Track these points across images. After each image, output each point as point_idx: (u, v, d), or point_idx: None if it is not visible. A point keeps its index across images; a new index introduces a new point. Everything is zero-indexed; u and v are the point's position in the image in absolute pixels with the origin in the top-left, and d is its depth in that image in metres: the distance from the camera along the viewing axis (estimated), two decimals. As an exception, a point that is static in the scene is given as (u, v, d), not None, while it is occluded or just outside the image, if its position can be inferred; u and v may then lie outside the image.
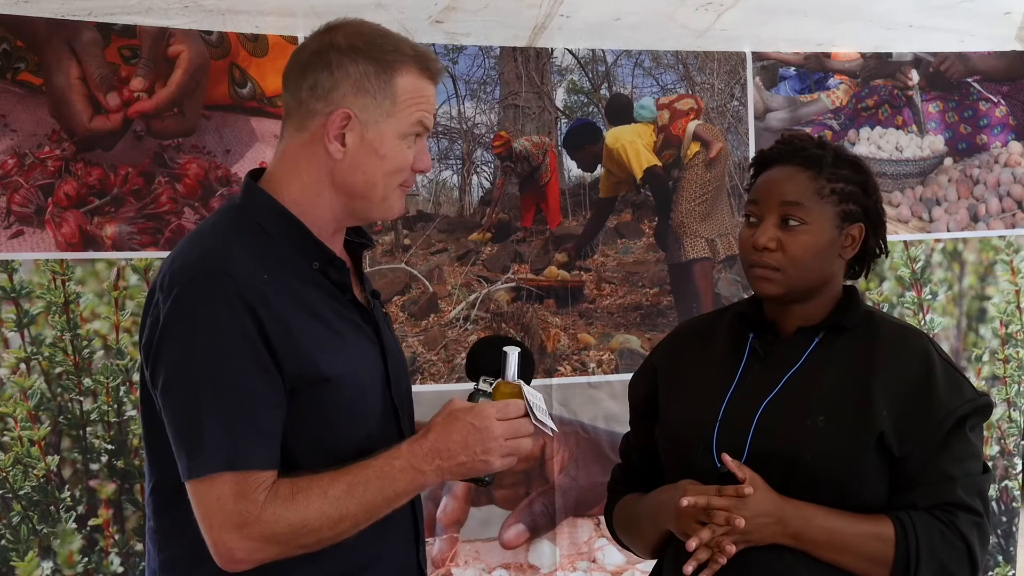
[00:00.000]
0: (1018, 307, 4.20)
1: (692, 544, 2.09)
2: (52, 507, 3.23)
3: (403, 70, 2.01)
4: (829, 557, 2.11)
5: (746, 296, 2.90)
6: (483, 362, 2.09)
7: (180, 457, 1.90)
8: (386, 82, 2.00)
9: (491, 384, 2.04)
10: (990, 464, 4.16)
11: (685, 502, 2.09)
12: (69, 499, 3.25)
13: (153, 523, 2.04)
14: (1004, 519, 4.22)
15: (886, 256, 2.32)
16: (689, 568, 2.09)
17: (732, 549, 2.07)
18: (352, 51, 2.00)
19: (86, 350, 3.27)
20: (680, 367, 2.30)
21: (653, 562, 2.35)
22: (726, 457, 2.11)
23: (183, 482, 1.90)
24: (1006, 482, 4.22)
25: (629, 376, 2.47)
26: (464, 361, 2.19)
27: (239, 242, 1.98)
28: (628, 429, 2.45)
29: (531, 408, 1.99)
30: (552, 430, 2.03)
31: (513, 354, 2.03)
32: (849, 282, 2.30)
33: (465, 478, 2.00)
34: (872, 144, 4.07)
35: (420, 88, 2.03)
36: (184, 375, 1.89)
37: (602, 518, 3.65)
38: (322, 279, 2.02)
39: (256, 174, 2.09)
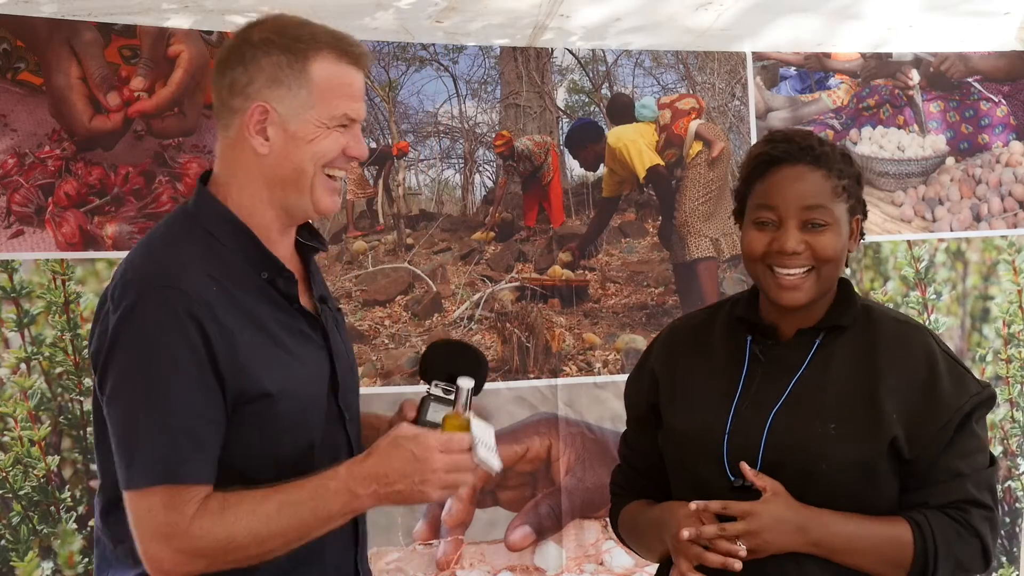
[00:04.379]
0: (1020, 307, 4.19)
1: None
2: (52, 507, 3.20)
3: (318, 57, 1.97)
4: (849, 561, 2.08)
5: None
6: (435, 368, 2.07)
7: (120, 466, 1.91)
8: (300, 71, 1.96)
9: (442, 390, 2.03)
10: (994, 465, 4.16)
11: (685, 534, 2.05)
12: (69, 499, 3.21)
13: (99, 523, 2.04)
14: (1008, 520, 4.19)
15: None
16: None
17: (743, 554, 2.04)
18: (265, 44, 1.98)
19: (86, 350, 3.22)
20: (680, 373, 2.25)
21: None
22: (744, 466, 2.08)
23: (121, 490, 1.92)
24: (1009, 483, 4.20)
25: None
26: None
27: (189, 252, 1.97)
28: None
29: (475, 444, 1.96)
30: (495, 470, 2.00)
31: (466, 387, 2.01)
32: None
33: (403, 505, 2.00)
34: (874, 144, 4.06)
35: (338, 74, 1.98)
36: (128, 387, 1.90)
37: (608, 519, 3.64)
38: (269, 289, 2.00)
39: (207, 176, 2.07)
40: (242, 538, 1.88)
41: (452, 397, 2.03)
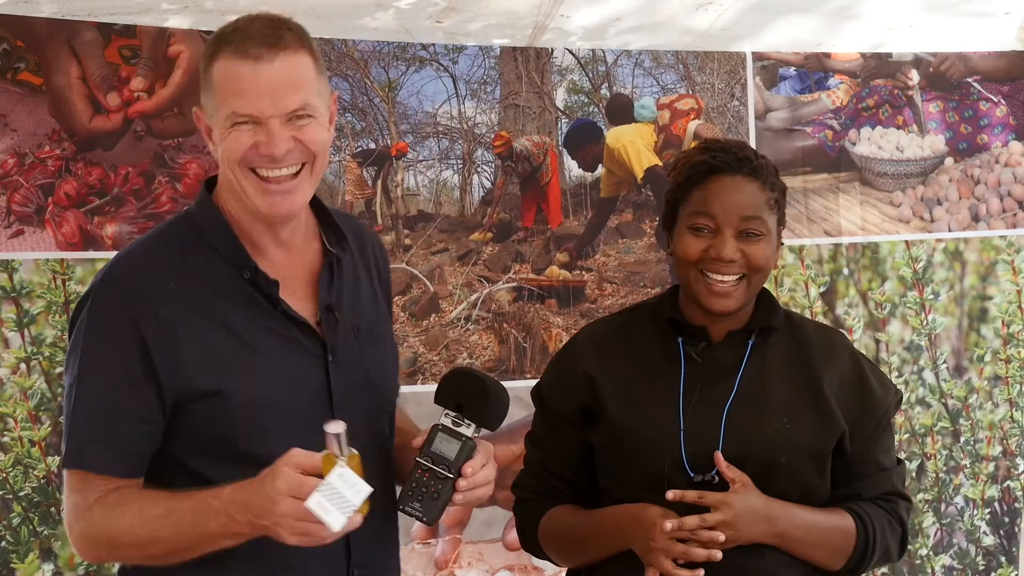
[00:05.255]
0: (1019, 307, 4.19)
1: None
2: (53, 508, 3.20)
3: (218, 56, 1.94)
4: (803, 551, 2.16)
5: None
6: (447, 395, 2.03)
7: None
8: (208, 73, 1.96)
9: (452, 420, 1.99)
10: (992, 465, 4.17)
11: (669, 525, 2.07)
12: (69, 500, 3.23)
13: None
14: (1007, 519, 4.21)
15: None
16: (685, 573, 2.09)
17: (718, 555, 2.08)
18: (205, 50, 2.00)
19: (86, 350, 3.25)
20: (616, 375, 2.25)
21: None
22: (719, 456, 2.11)
23: None
24: (1008, 483, 4.21)
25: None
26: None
27: (160, 250, 2.01)
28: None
29: (315, 491, 1.79)
30: (330, 528, 1.79)
31: (332, 431, 1.84)
32: None
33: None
34: (873, 144, 4.07)
35: (229, 71, 1.92)
36: (67, 373, 1.99)
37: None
38: (252, 291, 1.99)
39: (213, 180, 2.08)
40: (125, 536, 1.90)
41: (460, 429, 1.99)
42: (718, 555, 2.06)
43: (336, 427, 1.85)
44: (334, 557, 2.01)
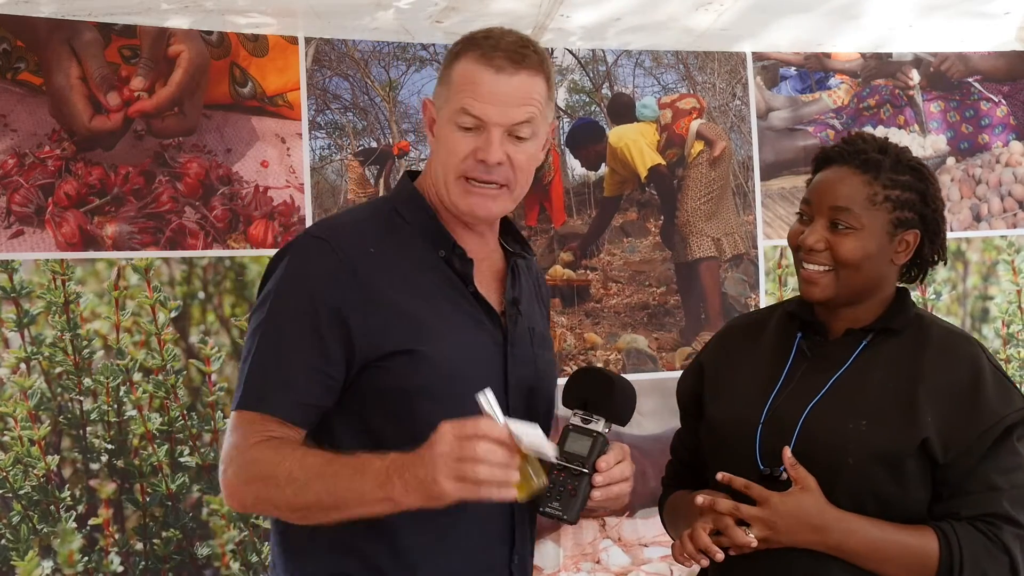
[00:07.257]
0: (1020, 307, 4.19)
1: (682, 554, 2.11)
2: (52, 506, 3.19)
3: (463, 57, 2.04)
4: (870, 567, 2.07)
5: (753, 295, 2.89)
6: (571, 395, 2.03)
7: None
8: (448, 69, 2.05)
9: (581, 419, 1.98)
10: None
11: (700, 500, 2.08)
12: (69, 499, 3.21)
13: None
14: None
15: (944, 263, 2.27)
16: (720, 555, 2.07)
17: (754, 544, 2.05)
18: (452, 48, 2.09)
19: (86, 350, 3.24)
20: (727, 365, 2.27)
21: (657, 564, 2.32)
22: (787, 452, 2.07)
23: None
24: (1014, 484, 4.19)
25: (636, 376, 2.45)
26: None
27: (364, 219, 2.10)
28: (634, 430, 2.43)
29: (514, 432, 1.78)
30: (549, 456, 1.84)
31: (484, 397, 1.84)
32: (900, 285, 2.24)
33: (432, 503, 1.81)
34: (874, 143, 4.06)
35: (471, 72, 2.01)
36: (256, 319, 2.02)
37: (607, 519, 3.64)
38: (447, 269, 2.05)
39: (412, 173, 2.19)
40: (281, 478, 1.88)
41: (590, 426, 1.98)
42: (718, 556, 2.04)
43: (487, 392, 1.85)
44: (500, 541, 2.07)
